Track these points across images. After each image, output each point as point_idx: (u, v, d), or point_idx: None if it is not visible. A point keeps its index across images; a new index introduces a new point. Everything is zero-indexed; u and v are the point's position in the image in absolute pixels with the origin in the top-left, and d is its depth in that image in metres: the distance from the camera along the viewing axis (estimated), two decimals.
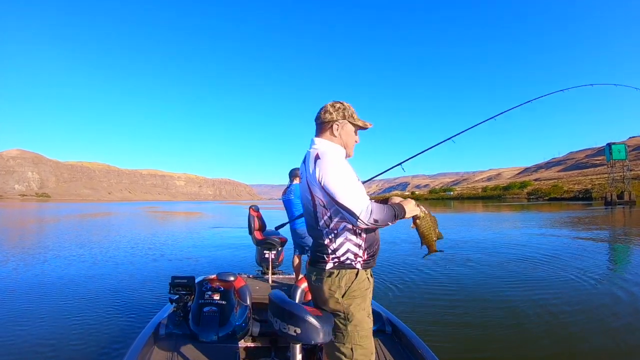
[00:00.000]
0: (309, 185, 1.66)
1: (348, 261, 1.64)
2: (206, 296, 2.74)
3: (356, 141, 1.81)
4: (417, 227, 1.75)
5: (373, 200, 1.58)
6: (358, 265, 1.66)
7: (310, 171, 1.63)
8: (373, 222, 1.51)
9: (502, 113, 3.66)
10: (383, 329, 2.68)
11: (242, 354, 2.55)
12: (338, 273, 1.64)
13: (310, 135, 1.82)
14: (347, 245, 1.65)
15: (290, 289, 3.23)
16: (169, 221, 26.07)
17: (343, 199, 1.51)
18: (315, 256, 1.73)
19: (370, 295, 1.73)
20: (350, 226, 1.63)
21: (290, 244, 4.46)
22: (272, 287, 3.90)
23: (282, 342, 2.73)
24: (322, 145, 1.72)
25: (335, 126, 1.74)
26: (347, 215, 1.54)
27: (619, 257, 8.96)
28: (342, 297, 1.62)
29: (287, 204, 4.33)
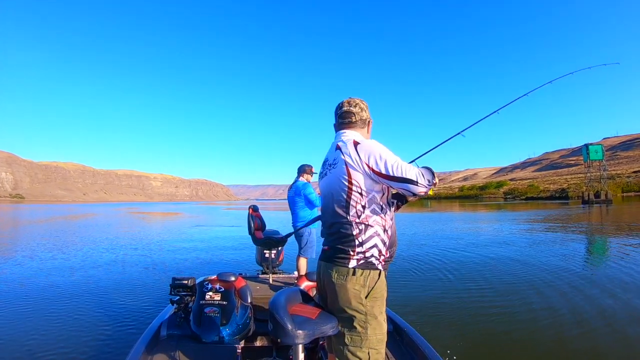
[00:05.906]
0: (347, 169, 1.59)
1: (372, 259, 1.58)
2: (207, 297, 2.72)
3: None
4: None
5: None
6: (380, 266, 1.60)
7: (353, 157, 1.58)
8: (428, 184, 1.50)
9: (488, 115, 3.66)
10: None
11: (244, 354, 2.53)
12: (362, 272, 1.57)
13: (288, 139, 1.67)
14: (375, 240, 1.59)
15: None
16: (156, 222, 25.72)
17: (399, 171, 1.50)
18: (336, 251, 1.63)
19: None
20: (380, 220, 1.60)
21: (290, 243, 4.46)
22: (273, 287, 3.88)
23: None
24: (358, 136, 1.70)
25: (370, 126, 1.80)
26: (405, 185, 1.50)
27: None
28: (366, 298, 1.57)
29: (290, 200, 4.39)
